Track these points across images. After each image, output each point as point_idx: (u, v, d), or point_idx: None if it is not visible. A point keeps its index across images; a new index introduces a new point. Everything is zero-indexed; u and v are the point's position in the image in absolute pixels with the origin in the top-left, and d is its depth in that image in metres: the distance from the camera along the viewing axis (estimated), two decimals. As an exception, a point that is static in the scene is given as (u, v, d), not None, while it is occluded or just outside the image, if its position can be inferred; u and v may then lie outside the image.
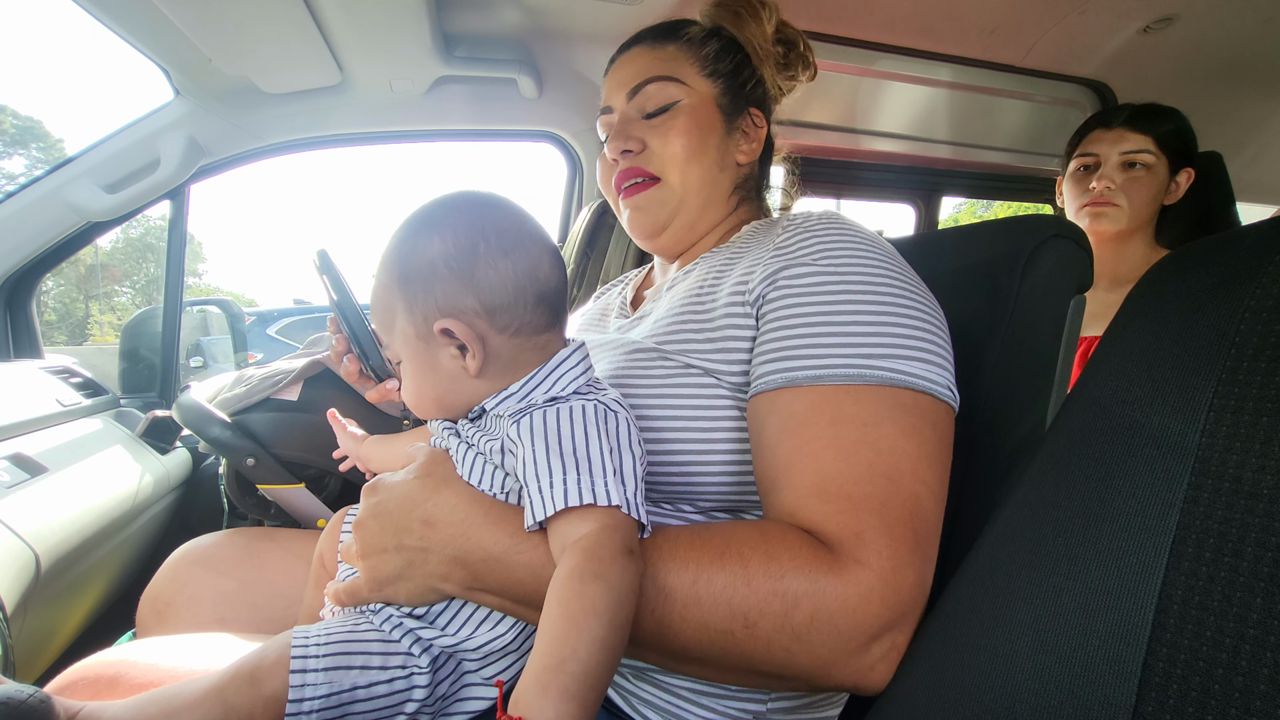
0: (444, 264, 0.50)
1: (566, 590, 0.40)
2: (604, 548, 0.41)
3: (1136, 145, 1.16)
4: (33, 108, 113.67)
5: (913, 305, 0.52)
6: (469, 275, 0.50)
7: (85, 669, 0.51)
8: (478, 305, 0.50)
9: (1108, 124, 1.20)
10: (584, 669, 0.37)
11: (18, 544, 0.80)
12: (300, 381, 0.95)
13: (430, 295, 0.50)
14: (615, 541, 0.42)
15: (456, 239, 0.50)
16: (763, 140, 0.75)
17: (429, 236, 0.51)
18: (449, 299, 0.50)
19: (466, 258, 0.50)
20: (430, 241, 0.50)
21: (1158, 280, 0.43)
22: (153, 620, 0.78)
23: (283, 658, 0.45)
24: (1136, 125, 1.17)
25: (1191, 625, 0.33)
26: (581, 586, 0.40)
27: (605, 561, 0.41)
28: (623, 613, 0.40)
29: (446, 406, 0.54)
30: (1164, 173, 1.16)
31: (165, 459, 1.29)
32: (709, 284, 0.60)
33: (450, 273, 0.50)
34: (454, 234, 0.50)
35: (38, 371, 1.23)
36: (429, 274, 0.50)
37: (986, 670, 0.39)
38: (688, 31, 0.73)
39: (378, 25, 1.12)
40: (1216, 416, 0.35)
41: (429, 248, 0.50)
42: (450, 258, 0.50)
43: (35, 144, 37.37)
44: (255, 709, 0.43)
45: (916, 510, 0.47)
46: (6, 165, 35.97)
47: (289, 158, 1.45)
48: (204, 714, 0.42)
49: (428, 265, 0.50)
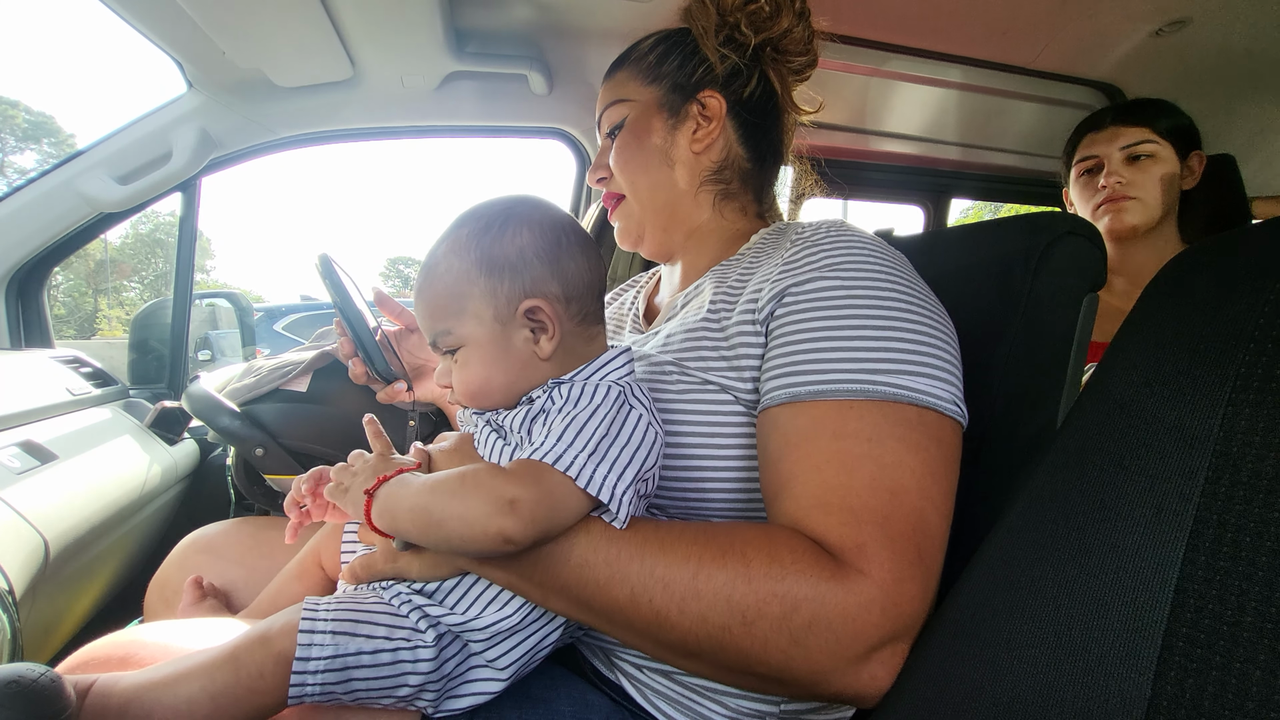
0: (534, 253, 0.55)
1: (466, 470, 0.47)
2: (505, 488, 0.45)
3: (1135, 137, 1.15)
4: (45, 103, 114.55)
5: (919, 319, 0.52)
6: (555, 264, 0.56)
7: (96, 649, 0.52)
8: (560, 291, 0.56)
9: (1099, 125, 1.20)
10: (424, 511, 0.47)
11: (27, 529, 0.81)
12: (309, 373, 0.95)
13: (519, 280, 0.55)
14: (534, 495, 0.45)
15: (544, 232, 0.56)
16: (721, 118, 0.73)
17: (517, 228, 0.56)
18: (536, 283, 0.55)
19: (552, 249, 0.56)
20: (520, 232, 0.56)
21: (1174, 275, 0.42)
22: (160, 607, 0.79)
23: (292, 622, 0.47)
24: (1128, 119, 1.16)
25: (1208, 620, 0.33)
26: (462, 480, 0.46)
27: (492, 488, 0.45)
28: (452, 508, 0.46)
29: (509, 392, 0.56)
30: (1172, 158, 1.14)
31: (173, 450, 1.30)
32: (723, 303, 0.61)
33: (540, 260, 0.55)
34: (540, 228, 0.56)
35: (48, 361, 1.24)
36: (518, 261, 0.55)
37: (997, 663, 0.39)
38: (637, 49, 0.77)
39: (391, 19, 1.12)
40: (1235, 410, 0.35)
41: (518, 238, 0.55)
42: (541, 247, 0.55)
43: (47, 139, 37.64)
44: (265, 666, 0.45)
45: (920, 525, 0.46)
46: (18, 160, 36.22)
47: (296, 154, 1.46)
48: (216, 674, 0.44)
49: (517, 253, 0.55)
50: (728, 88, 0.73)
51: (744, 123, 0.75)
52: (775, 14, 0.72)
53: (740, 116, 0.74)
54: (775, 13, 0.72)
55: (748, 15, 0.71)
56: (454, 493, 0.46)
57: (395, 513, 0.49)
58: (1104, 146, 1.17)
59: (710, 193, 0.75)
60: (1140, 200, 1.14)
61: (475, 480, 0.46)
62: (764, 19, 0.72)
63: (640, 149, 0.74)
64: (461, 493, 0.46)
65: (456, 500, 0.45)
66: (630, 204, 0.76)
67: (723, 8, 0.72)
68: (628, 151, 0.74)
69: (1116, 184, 1.14)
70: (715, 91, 0.73)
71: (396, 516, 0.49)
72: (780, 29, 0.73)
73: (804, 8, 0.75)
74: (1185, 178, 1.16)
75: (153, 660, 0.49)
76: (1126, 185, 1.14)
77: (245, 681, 0.44)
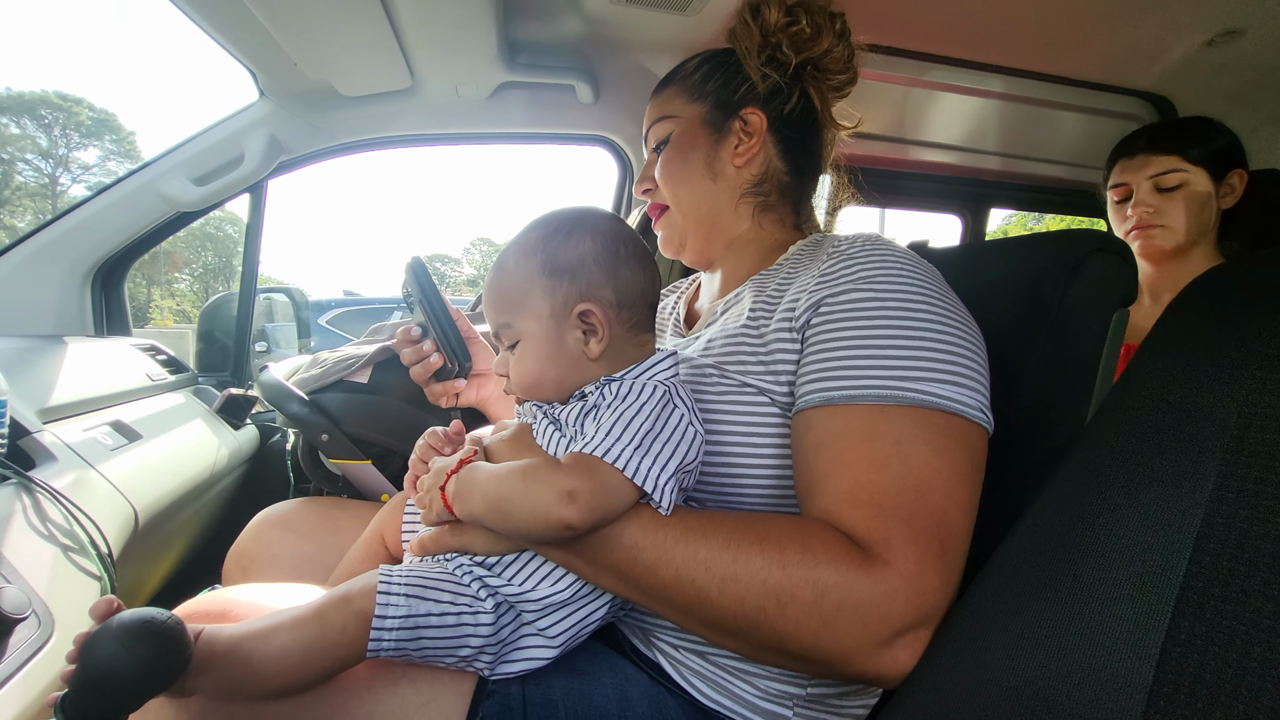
0: (593, 260, 0.60)
1: (527, 462, 0.53)
2: (564, 480, 0.50)
3: (1163, 167, 1.15)
4: (108, 100, 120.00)
5: (949, 329, 0.55)
6: (612, 272, 0.60)
7: (197, 604, 0.58)
8: (613, 297, 0.60)
9: (1130, 152, 1.20)
10: (496, 501, 0.53)
11: (121, 501, 0.89)
12: (370, 366, 1.02)
13: (576, 283, 0.60)
14: (589, 486, 0.49)
15: (605, 242, 0.61)
16: (761, 134, 0.77)
17: (581, 236, 0.61)
18: (592, 288, 0.60)
19: (611, 258, 0.60)
20: (583, 240, 0.61)
21: (1193, 295, 0.45)
22: (237, 574, 0.86)
23: (371, 585, 0.53)
24: (1158, 147, 1.16)
25: (1209, 614, 0.36)
26: (524, 474, 0.52)
27: (552, 481, 0.50)
28: (520, 500, 0.51)
29: (560, 386, 0.61)
30: (1204, 182, 1.14)
31: (238, 434, 1.40)
32: (762, 311, 0.65)
33: (598, 267, 0.60)
34: (602, 238, 0.61)
35: (129, 348, 1.34)
36: (578, 266, 0.60)
37: (1012, 650, 0.42)
38: (684, 68, 0.81)
39: (449, 32, 1.19)
40: (1245, 423, 0.37)
41: (581, 245, 0.60)
42: (599, 255, 0.60)
43: (109, 136, 39.30)
44: (347, 622, 0.51)
45: (944, 522, 0.50)
46: (81, 156, 37.89)
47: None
48: (304, 628, 0.50)
49: (579, 259, 0.60)
50: (769, 104, 0.77)
51: (784, 138, 0.78)
52: (816, 35, 0.76)
53: (780, 132, 0.78)
54: (816, 34, 0.75)
55: (789, 36, 0.75)
56: (518, 485, 0.52)
57: (469, 504, 0.55)
58: (1134, 175, 1.18)
59: (750, 204, 0.78)
60: (1168, 228, 1.15)
61: (536, 475, 0.51)
62: (805, 40, 0.75)
63: (685, 163, 0.78)
64: (525, 486, 0.51)
65: (521, 492, 0.51)
66: (673, 214, 0.81)
67: (765, 29, 0.76)
68: (672, 165, 0.78)
69: (1144, 213, 1.16)
70: (757, 108, 0.77)
71: (471, 507, 0.55)
72: (821, 49, 0.76)
73: (844, 28, 0.78)
74: (1224, 196, 1.15)
75: (245, 616, 0.56)
76: (1154, 214, 1.16)
77: (330, 635, 0.50)
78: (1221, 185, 1.15)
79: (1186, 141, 1.14)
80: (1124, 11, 1.32)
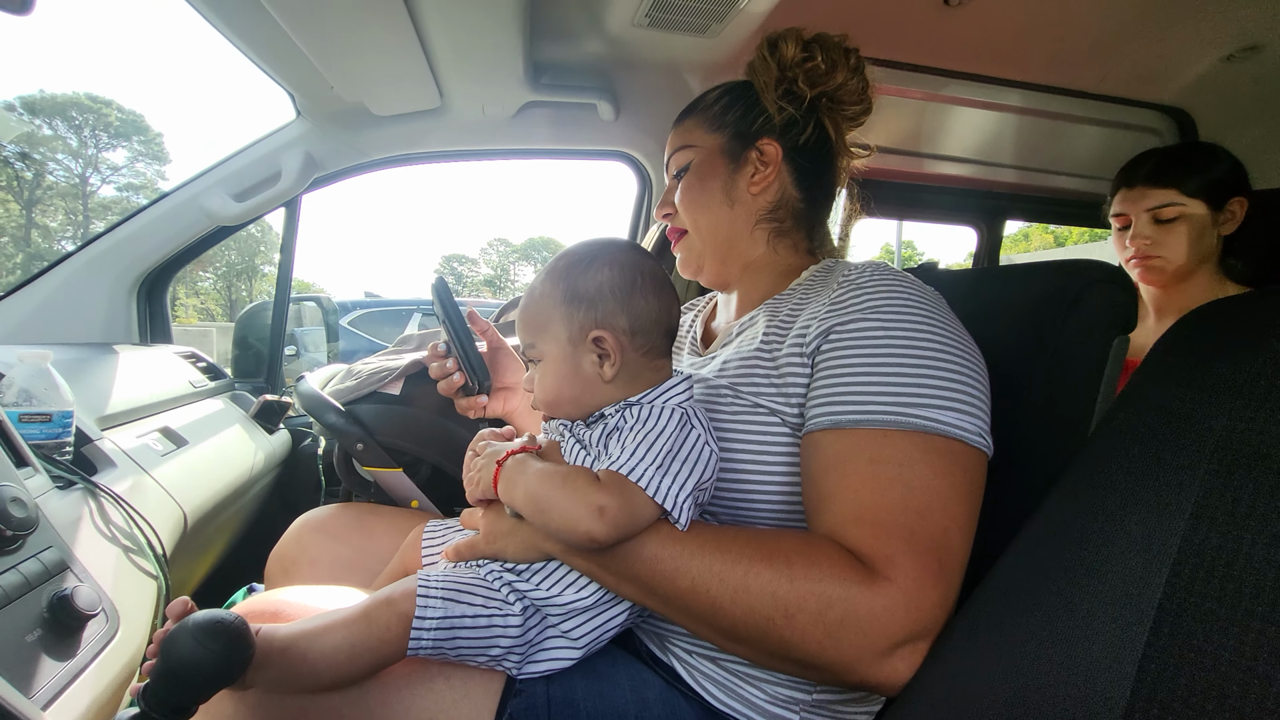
0: (610, 289, 0.64)
1: (570, 470, 0.58)
2: (597, 495, 0.54)
3: (1160, 200, 1.17)
4: (135, 102, 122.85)
5: (951, 357, 0.59)
6: (627, 301, 0.64)
7: (252, 604, 0.64)
8: (627, 325, 0.64)
9: (1130, 183, 1.22)
10: (536, 498, 0.58)
11: (171, 504, 0.95)
12: (402, 379, 1.08)
13: (593, 311, 0.64)
14: (618, 504, 0.54)
15: (623, 273, 0.65)
16: (777, 163, 0.80)
17: (600, 267, 0.65)
18: (607, 316, 0.64)
19: (627, 288, 0.64)
20: (602, 270, 0.65)
21: (1192, 323, 0.47)
22: (279, 576, 0.92)
23: (411, 588, 0.58)
24: (1157, 180, 1.18)
25: (1182, 635, 0.39)
26: (564, 480, 0.56)
27: (588, 495, 0.54)
28: (557, 503, 0.56)
29: (578, 405, 0.66)
30: (1202, 213, 1.16)
31: (272, 438, 1.46)
32: (775, 335, 0.69)
33: (613, 297, 0.64)
34: (621, 269, 0.65)
35: (171, 355, 1.41)
36: (595, 295, 0.64)
37: (1004, 661, 0.46)
38: (704, 100, 0.85)
39: (477, 54, 1.24)
40: (1218, 465, 0.40)
41: (599, 275, 0.64)
42: (616, 285, 0.64)
43: (137, 137, 40.16)
44: (391, 622, 0.56)
45: (944, 542, 0.53)
46: (110, 157, 38.76)
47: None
48: (353, 627, 0.55)
49: (596, 288, 0.64)
50: (785, 135, 0.81)
51: (798, 167, 0.82)
52: (831, 70, 0.79)
53: (795, 161, 0.82)
54: (831, 69, 0.79)
55: (805, 71, 0.79)
56: (558, 490, 0.56)
57: (513, 492, 0.60)
58: (1132, 205, 1.21)
59: (765, 230, 0.82)
60: (1165, 259, 1.18)
61: (574, 484, 0.56)
62: (820, 75, 0.79)
63: (703, 190, 0.82)
64: (563, 493, 0.56)
65: (559, 497, 0.56)
66: (692, 238, 0.85)
67: (782, 64, 0.79)
68: (692, 193, 0.82)
69: (1142, 244, 1.19)
70: (773, 139, 0.80)
71: (514, 496, 0.60)
72: (835, 83, 0.80)
73: (859, 63, 0.81)
74: (1224, 224, 1.17)
75: (297, 616, 0.61)
76: (1152, 245, 1.18)
77: (376, 634, 0.55)
78: (1221, 213, 1.16)
79: (1185, 174, 1.16)
80: (1144, 27, 1.33)
